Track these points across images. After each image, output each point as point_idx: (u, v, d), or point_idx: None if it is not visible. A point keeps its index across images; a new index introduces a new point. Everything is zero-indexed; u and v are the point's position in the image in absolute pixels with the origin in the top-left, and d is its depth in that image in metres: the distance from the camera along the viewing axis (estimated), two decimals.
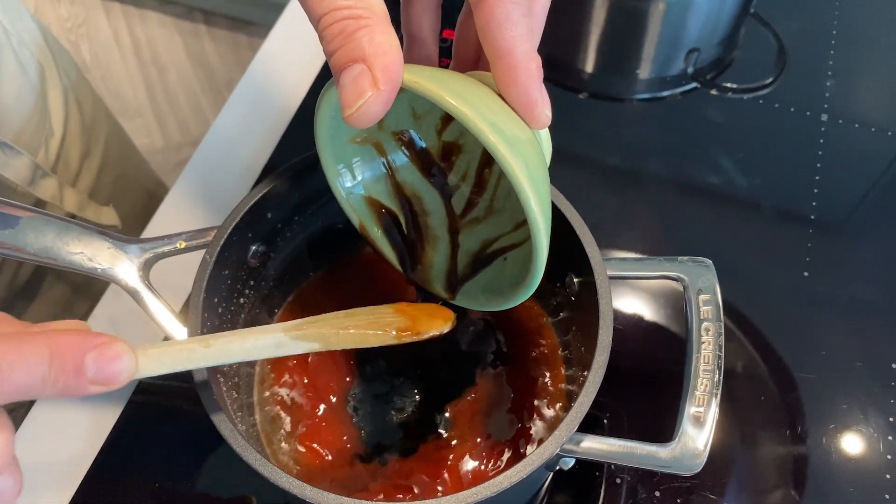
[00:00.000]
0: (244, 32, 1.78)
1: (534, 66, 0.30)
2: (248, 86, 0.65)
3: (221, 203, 0.57)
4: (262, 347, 0.32)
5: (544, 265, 0.32)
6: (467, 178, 0.40)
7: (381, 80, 0.27)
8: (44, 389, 0.24)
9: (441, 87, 0.28)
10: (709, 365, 0.35)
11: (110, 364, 0.25)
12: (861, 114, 0.62)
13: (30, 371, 0.23)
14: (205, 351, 0.30)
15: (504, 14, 0.29)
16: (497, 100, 0.31)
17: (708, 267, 0.38)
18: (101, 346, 0.25)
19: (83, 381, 0.25)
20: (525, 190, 0.29)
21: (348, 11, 0.27)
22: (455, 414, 0.43)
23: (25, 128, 0.52)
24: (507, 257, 0.39)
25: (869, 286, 0.54)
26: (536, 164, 0.30)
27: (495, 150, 0.28)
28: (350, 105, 0.27)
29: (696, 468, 0.34)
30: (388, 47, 0.27)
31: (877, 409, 0.48)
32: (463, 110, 0.28)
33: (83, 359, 0.24)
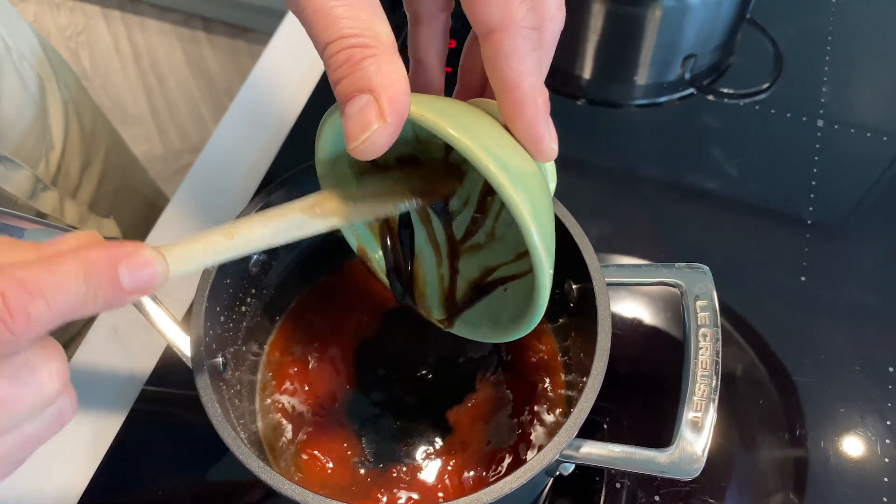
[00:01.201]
0: (243, 39, 1.79)
1: (541, 100, 0.30)
2: (248, 95, 0.65)
3: (222, 213, 0.58)
4: (285, 229, 0.30)
5: (546, 301, 0.32)
6: (469, 203, 0.40)
7: (387, 111, 0.26)
8: (85, 307, 0.24)
9: (447, 121, 0.28)
10: (706, 370, 0.36)
11: (143, 270, 0.25)
12: (857, 118, 0.63)
13: (69, 293, 0.23)
14: (230, 242, 0.28)
15: (512, 47, 0.29)
16: (503, 132, 0.31)
17: (705, 273, 0.38)
18: (130, 255, 0.24)
19: (121, 292, 0.24)
20: (530, 228, 0.29)
21: (355, 40, 0.26)
22: (455, 420, 0.44)
23: (26, 141, 0.53)
24: (508, 287, 0.39)
25: (866, 290, 0.54)
26: (540, 199, 0.30)
27: (500, 186, 0.28)
28: (355, 137, 0.26)
29: (694, 473, 0.34)
30: (396, 77, 0.26)
31: (874, 413, 0.49)
32: (469, 145, 0.28)
33: (117, 270, 0.24)
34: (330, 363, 0.46)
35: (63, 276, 0.23)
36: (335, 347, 0.46)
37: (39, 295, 0.22)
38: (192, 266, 0.28)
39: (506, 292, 0.39)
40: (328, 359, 0.46)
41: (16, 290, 0.22)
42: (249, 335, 0.43)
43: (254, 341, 0.44)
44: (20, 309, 0.22)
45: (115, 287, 0.24)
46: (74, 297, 0.23)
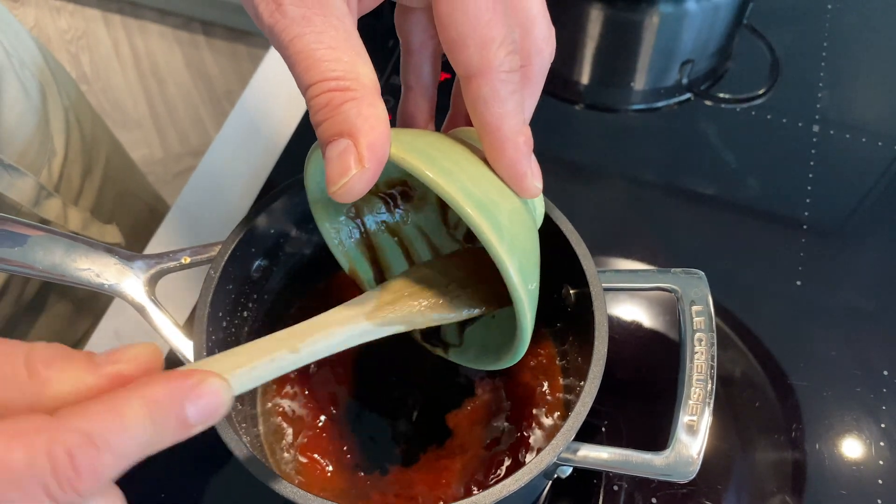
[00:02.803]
0: (243, 43, 1.79)
1: (521, 140, 0.30)
2: (249, 101, 0.66)
3: (223, 219, 0.58)
4: (348, 339, 0.30)
5: (529, 337, 0.32)
6: (459, 227, 0.41)
7: (366, 157, 0.26)
8: (150, 449, 0.22)
9: (427, 164, 0.29)
10: (702, 374, 0.36)
11: (210, 402, 0.23)
12: (853, 123, 0.63)
13: (135, 440, 0.21)
14: (295, 357, 0.28)
15: (491, 92, 0.29)
16: (485, 170, 0.31)
17: (700, 278, 0.39)
18: (197, 390, 0.23)
19: (187, 429, 0.23)
20: (507, 266, 0.29)
21: (335, 83, 0.26)
22: (454, 424, 0.44)
23: (28, 149, 0.53)
24: (496, 315, 0.39)
25: (861, 294, 0.55)
26: (521, 236, 0.31)
27: (477, 227, 0.28)
28: (334, 182, 0.26)
29: (689, 475, 0.35)
30: (375, 122, 0.26)
31: (869, 416, 0.49)
32: (447, 189, 0.28)
33: (184, 408, 0.22)
34: (330, 367, 0.46)
35: (129, 423, 0.21)
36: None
37: (107, 449, 0.21)
38: (256, 383, 0.27)
39: (493, 319, 0.40)
40: (328, 363, 0.46)
41: (83, 448, 0.20)
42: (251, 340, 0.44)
43: None
44: (87, 467, 0.21)
45: (181, 425, 0.23)
46: (141, 443, 0.22)
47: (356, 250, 0.40)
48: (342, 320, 0.31)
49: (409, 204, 0.41)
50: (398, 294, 0.33)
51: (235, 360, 0.26)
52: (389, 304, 0.32)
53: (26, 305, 0.57)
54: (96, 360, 0.23)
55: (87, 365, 0.22)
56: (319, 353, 0.29)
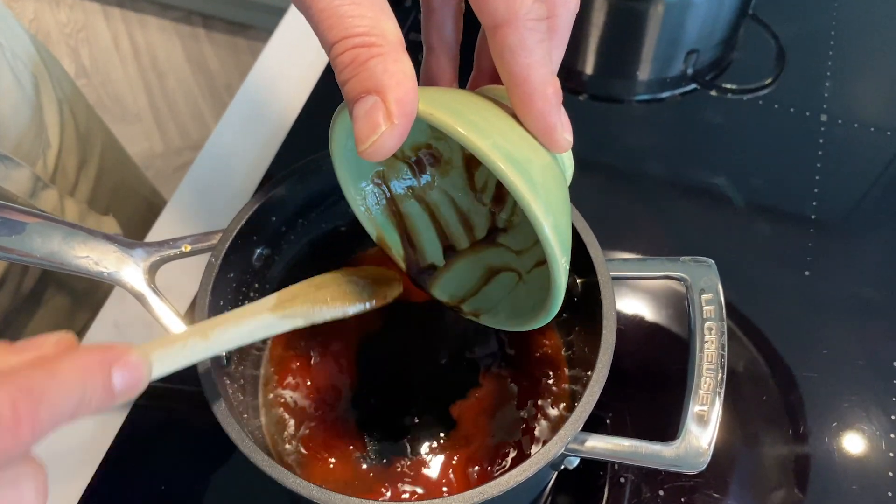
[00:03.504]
0: (243, 36, 1.78)
1: (550, 91, 0.29)
2: (248, 93, 0.65)
3: (223, 209, 0.58)
4: (254, 331, 0.33)
5: (563, 292, 0.32)
6: (486, 190, 0.40)
7: (395, 113, 0.26)
8: (78, 412, 0.23)
9: (456, 119, 0.28)
10: (712, 364, 0.36)
11: (133, 373, 0.25)
12: (860, 114, 0.62)
13: (69, 397, 0.23)
14: (206, 343, 0.31)
15: (518, 41, 0.28)
16: (514, 125, 0.30)
17: (710, 267, 0.38)
18: (123, 357, 0.25)
19: (111, 395, 0.24)
20: (543, 226, 0.29)
21: (361, 39, 0.26)
22: (459, 415, 0.43)
23: (23, 140, 0.52)
24: (525, 279, 0.39)
25: (870, 285, 0.54)
26: (554, 192, 0.30)
27: (511, 185, 0.28)
28: (363, 140, 0.26)
29: (700, 466, 0.34)
30: (403, 77, 0.26)
31: (879, 408, 0.49)
32: (479, 145, 0.28)
33: (110, 374, 0.24)
34: (332, 358, 0.45)
35: (63, 381, 0.23)
36: (338, 342, 0.46)
37: (45, 402, 0.22)
38: (172, 367, 0.29)
39: (522, 282, 0.39)
40: (330, 353, 0.46)
41: (24, 398, 0.21)
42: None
43: None
44: (28, 416, 0.21)
45: (106, 390, 0.24)
46: (73, 402, 0.23)
47: (383, 217, 0.39)
48: (248, 313, 0.33)
49: (435, 168, 0.40)
50: (298, 292, 0.36)
51: (153, 345, 0.29)
52: (289, 300, 0.35)
53: (24, 298, 0.56)
54: (17, 346, 0.24)
55: (9, 349, 0.24)
56: (228, 342, 0.32)
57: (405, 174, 0.40)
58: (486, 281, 0.40)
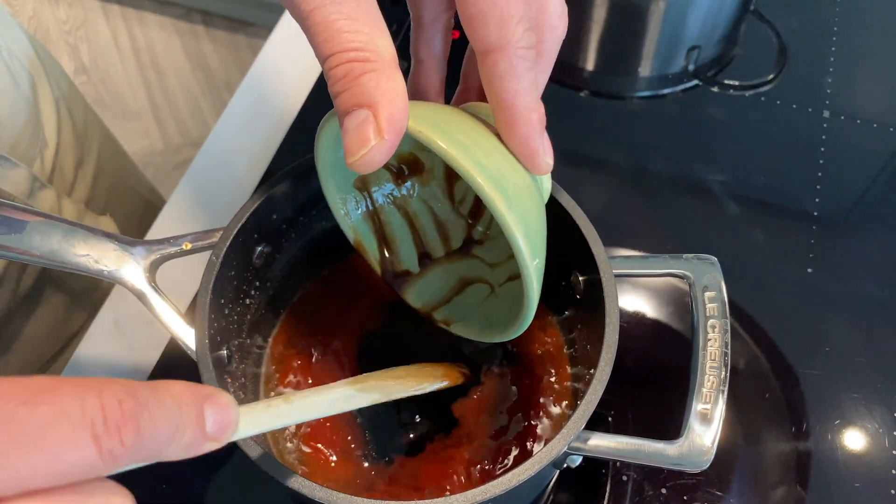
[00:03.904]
0: (243, 33, 1.78)
1: (535, 116, 0.30)
2: (248, 91, 0.65)
3: (223, 207, 0.57)
4: (333, 401, 0.33)
5: (535, 306, 0.33)
6: (465, 202, 0.41)
7: (385, 129, 0.26)
8: (171, 442, 0.21)
9: (442, 137, 0.29)
10: (715, 362, 0.35)
11: (223, 414, 0.23)
12: (862, 110, 0.62)
13: (168, 416, 0.21)
14: (287, 406, 0.30)
15: (508, 68, 0.29)
16: (498, 145, 0.32)
17: (713, 264, 0.38)
18: (214, 396, 0.23)
19: (202, 434, 0.22)
20: (517, 238, 0.30)
21: (355, 54, 0.26)
22: (461, 413, 0.43)
23: (20, 140, 0.52)
24: (497, 292, 0.40)
25: (872, 281, 0.54)
26: (531, 211, 0.32)
27: (491, 203, 0.29)
28: (353, 153, 0.27)
29: (703, 465, 0.34)
30: (395, 95, 0.27)
31: (881, 405, 0.48)
32: (464, 164, 0.29)
33: (203, 408, 0.22)
34: (333, 356, 0.45)
35: (162, 399, 0.21)
36: (339, 340, 0.46)
37: (148, 411, 0.20)
38: (258, 429, 0.28)
39: (494, 295, 0.41)
40: (332, 351, 0.45)
41: (131, 400, 0.20)
42: (253, 328, 0.43)
43: (258, 334, 0.44)
44: (132, 416, 0.20)
45: (199, 426, 0.22)
46: (169, 427, 0.21)
47: (362, 222, 0.40)
48: (328, 387, 0.33)
49: (417, 178, 0.41)
50: (373, 376, 0.36)
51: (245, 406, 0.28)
52: (366, 380, 0.35)
53: (23, 297, 0.56)
54: None
55: None
56: (308, 409, 0.32)
57: (387, 182, 0.41)
58: (459, 291, 0.42)
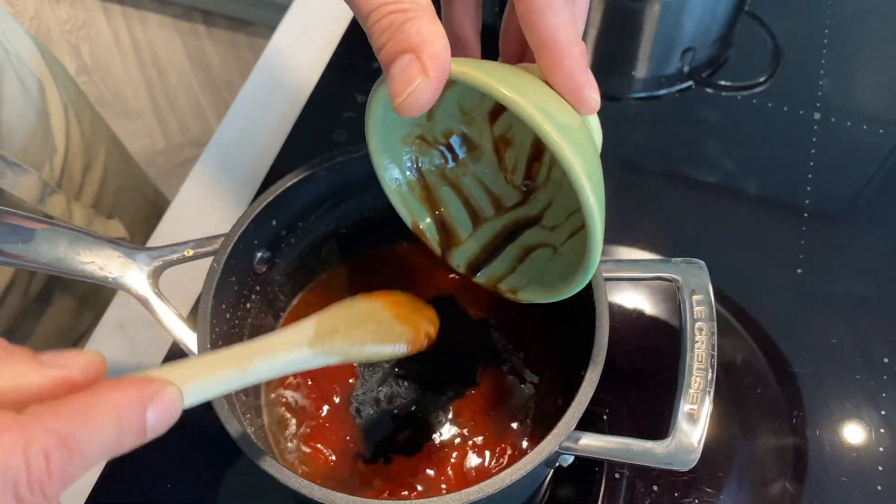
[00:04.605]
0: (243, 32, 1.79)
1: (577, 51, 0.30)
2: (250, 92, 0.65)
3: (225, 210, 0.58)
4: (289, 366, 0.32)
5: (600, 254, 0.32)
6: (517, 171, 0.40)
7: (429, 67, 0.27)
8: (110, 453, 0.22)
9: (490, 77, 0.29)
10: (702, 363, 0.36)
11: (167, 411, 0.24)
12: (854, 111, 0.63)
13: (102, 444, 0.22)
14: (241, 375, 0.30)
15: (545, 2, 0.29)
16: (545, 88, 0.31)
17: (701, 268, 0.39)
18: (158, 397, 0.23)
19: (143, 434, 0.23)
20: (578, 175, 0.29)
21: (394, 6, 0.27)
22: (457, 413, 0.44)
23: (29, 146, 0.53)
24: (560, 251, 0.39)
25: (861, 281, 0.55)
26: (587, 150, 0.30)
27: (546, 135, 0.28)
28: (399, 94, 0.27)
29: (690, 464, 0.35)
30: (436, 37, 0.27)
31: (869, 403, 0.49)
32: (513, 97, 0.28)
33: (145, 415, 0.23)
34: None
35: (98, 426, 0.21)
36: None
37: (79, 453, 0.21)
38: (204, 397, 0.28)
39: (557, 255, 0.39)
40: None
41: (59, 450, 0.20)
42: (254, 331, 0.44)
43: None
44: (59, 469, 0.20)
45: (140, 430, 0.23)
46: (106, 448, 0.22)
47: (417, 202, 0.40)
48: (286, 346, 0.32)
49: (467, 154, 0.41)
50: (335, 326, 0.34)
51: (187, 373, 0.27)
52: (328, 334, 0.34)
53: (32, 300, 0.57)
54: (42, 359, 0.23)
55: (32, 362, 0.22)
56: (264, 373, 0.31)
57: (438, 160, 0.40)
58: (522, 259, 0.41)
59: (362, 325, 0.35)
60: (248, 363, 0.30)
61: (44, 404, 0.21)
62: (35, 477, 0.20)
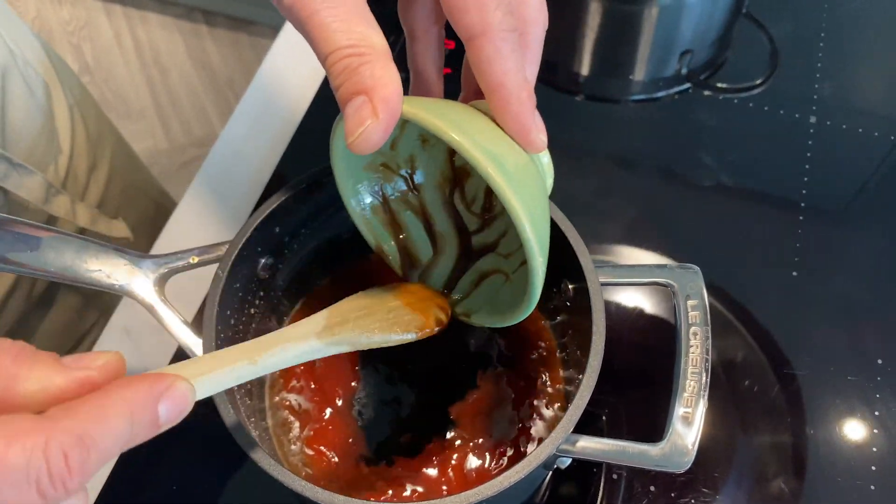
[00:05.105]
0: (245, 32, 1.79)
1: (525, 94, 0.32)
2: (254, 95, 0.66)
3: (229, 215, 0.59)
4: (300, 356, 0.34)
5: (540, 288, 0.33)
6: (476, 200, 0.42)
7: (380, 109, 0.29)
8: (124, 446, 0.24)
9: (438, 118, 0.30)
10: (696, 367, 0.37)
11: (179, 405, 0.25)
12: (850, 115, 0.64)
13: (118, 438, 0.23)
14: (253, 368, 0.31)
15: (493, 50, 0.31)
16: (494, 128, 0.33)
17: (696, 273, 0.40)
18: (169, 391, 0.25)
19: (156, 428, 0.25)
20: (517, 210, 0.30)
21: (351, 49, 0.29)
22: (458, 415, 0.45)
23: (35, 147, 0.54)
24: (512, 278, 0.40)
25: (856, 283, 0.55)
26: (532, 190, 0.32)
27: (489, 177, 0.30)
28: (351, 133, 0.29)
29: (684, 466, 0.36)
30: (388, 80, 0.29)
31: (864, 404, 0.50)
32: (460, 141, 0.30)
33: (157, 408, 0.24)
34: (335, 361, 0.47)
35: (113, 423, 0.23)
36: None
37: (95, 449, 0.22)
38: (216, 389, 0.29)
39: (509, 282, 0.41)
40: (333, 357, 0.47)
41: (76, 448, 0.22)
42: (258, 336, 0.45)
43: None
44: (78, 466, 0.22)
45: (153, 424, 0.25)
46: (120, 443, 0.23)
47: (380, 227, 0.42)
48: (296, 337, 0.34)
49: (429, 182, 0.42)
50: (344, 317, 0.36)
51: (200, 368, 0.29)
52: (338, 324, 0.35)
53: (37, 299, 0.58)
54: (64, 362, 0.24)
55: (56, 366, 0.24)
56: (276, 365, 0.33)
57: (401, 186, 0.42)
58: (478, 284, 0.42)
59: (372, 315, 0.37)
60: (259, 355, 0.31)
61: (61, 406, 0.23)
62: (56, 474, 0.21)
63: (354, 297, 0.38)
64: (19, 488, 0.21)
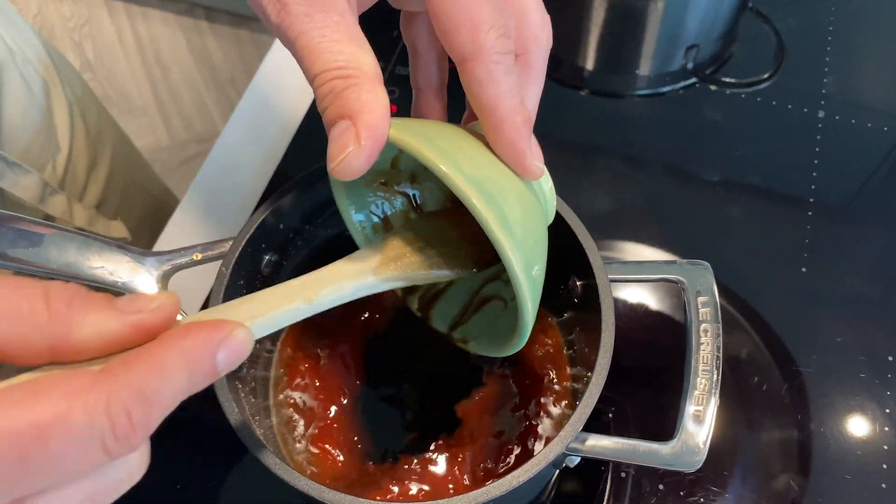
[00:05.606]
0: (246, 28, 1.79)
1: (519, 119, 0.30)
2: (255, 93, 0.66)
3: (231, 212, 0.59)
4: (356, 292, 0.32)
5: (531, 327, 0.32)
6: None
7: (363, 135, 0.27)
8: (183, 397, 0.23)
9: (426, 145, 0.29)
10: (707, 365, 0.37)
11: (237, 351, 0.24)
12: (858, 108, 0.63)
13: (178, 390, 0.23)
14: (309, 307, 0.30)
15: (485, 73, 0.30)
16: (488, 154, 0.31)
17: (706, 269, 0.39)
18: (227, 340, 0.24)
19: (214, 376, 0.24)
20: (500, 239, 0.29)
21: (339, 71, 0.28)
22: (464, 413, 0.45)
23: (32, 146, 0.53)
24: (510, 306, 0.39)
25: (866, 280, 0.55)
26: (525, 220, 0.31)
27: (472, 205, 0.29)
28: (333, 159, 0.28)
29: (696, 465, 0.35)
30: (374, 105, 0.28)
31: (874, 401, 0.50)
32: (444, 169, 0.29)
33: (216, 357, 0.24)
34: (340, 359, 0.47)
35: (172, 376, 0.22)
36: (345, 343, 0.47)
37: (156, 403, 0.22)
38: (272, 329, 0.29)
39: (507, 309, 0.40)
40: (338, 355, 0.47)
41: (139, 404, 0.21)
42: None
43: (266, 339, 0.45)
44: (141, 421, 0.22)
45: (211, 373, 0.24)
46: (179, 393, 0.23)
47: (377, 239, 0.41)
48: (352, 274, 0.32)
49: (429, 202, 0.41)
50: (400, 251, 0.34)
51: (255, 309, 0.28)
52: (393, 259, 0.34)
53: None
54: (118, 305, 0.23)
55: (110, 310, 0.23)
56: (331, 303, 0.31)
57: (402, 205, 0.41)
58: (477, 309, 0.42)
59: (428, 248, 0.35)
60: (314, 294, 0.30)
61: (119, 359, 0.22)
62: (120, 432, 0.21)
63: (410, 227, 0.36)
64: (85, 447, 0.21)
